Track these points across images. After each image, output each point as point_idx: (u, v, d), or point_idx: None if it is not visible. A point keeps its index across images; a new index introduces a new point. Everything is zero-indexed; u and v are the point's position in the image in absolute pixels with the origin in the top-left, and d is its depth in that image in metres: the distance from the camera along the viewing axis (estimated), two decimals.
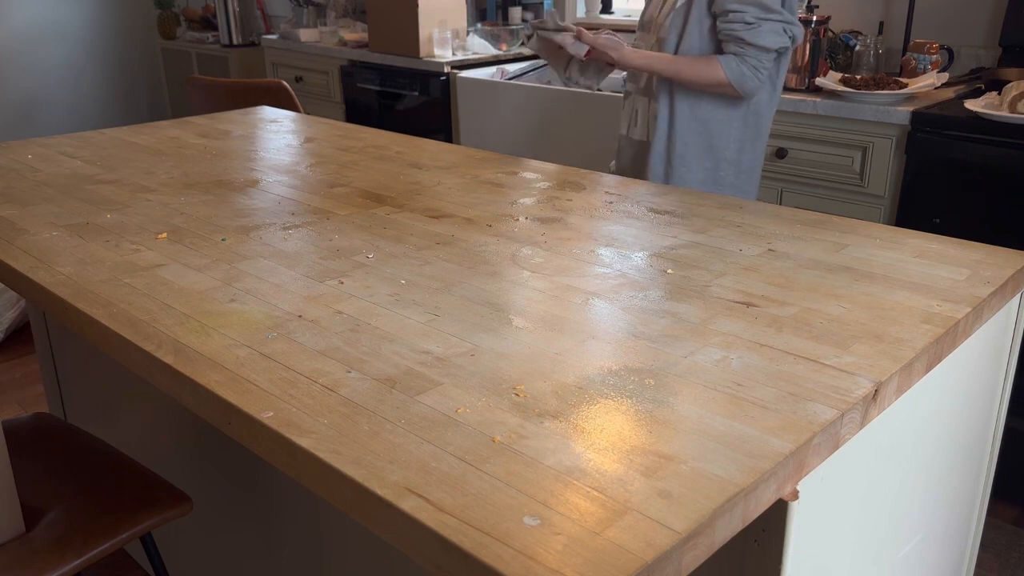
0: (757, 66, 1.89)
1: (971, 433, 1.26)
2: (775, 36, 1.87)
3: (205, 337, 0.99)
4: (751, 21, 1.86)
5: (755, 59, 1.89)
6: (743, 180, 2.03)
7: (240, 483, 1.54)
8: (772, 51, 1.89)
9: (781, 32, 1.88)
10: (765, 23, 1.86)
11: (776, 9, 1.86)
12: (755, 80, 1.90)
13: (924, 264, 1.20)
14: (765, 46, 1.87)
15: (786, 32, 1.88)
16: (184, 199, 1.55)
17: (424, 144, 2.00)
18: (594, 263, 1.21)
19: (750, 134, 2.00)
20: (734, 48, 1.89)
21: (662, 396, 0.85)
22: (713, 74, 1.90)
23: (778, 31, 1.87)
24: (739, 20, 1.86)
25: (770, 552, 0.82)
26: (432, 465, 0.74)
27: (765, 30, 1.86)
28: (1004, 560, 2.09)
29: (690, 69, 1.93)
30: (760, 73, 1.90)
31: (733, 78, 1.89)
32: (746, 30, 1.86)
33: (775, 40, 1.87)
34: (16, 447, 1.38)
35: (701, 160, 2.01)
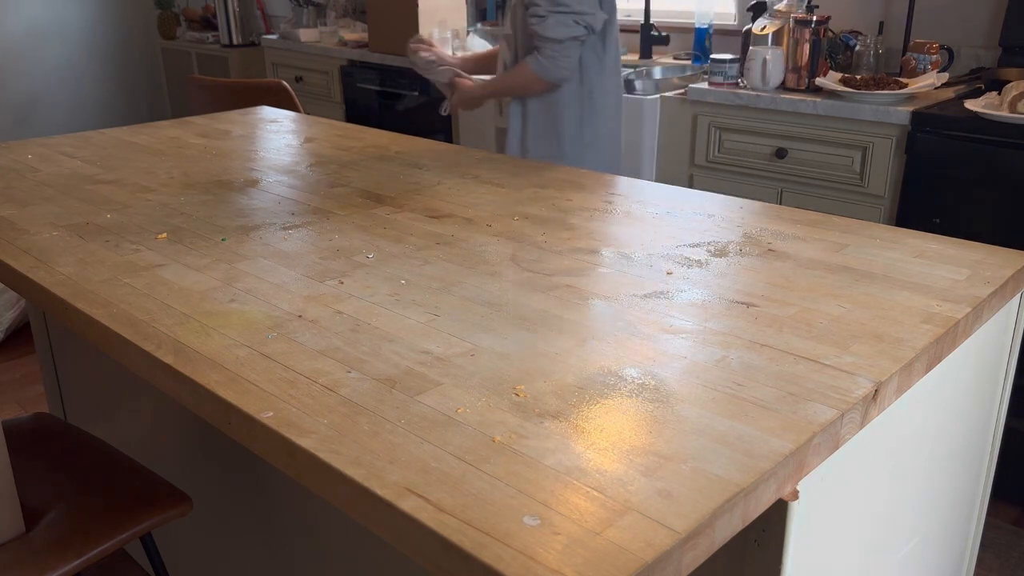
0: (554, 56, 2.00)
1: (971, 433, 1.26)
2: (563, 27, 1.97)
3: (205, 337, 0.99)
4: (542, 15, 1.97)
5: (550, 50, 2.00)
6: (588, 153, 2.17)
7: (240, 483, 1.54)
8: (564, 41, 1.99)
9: (571, 23, 1.98)
10: (552, 16, 1.96)
11: (563, 2, 1.95)
12: (558, 70, 2.03)
13: (924, 264, 1.20)
14: (554, 37, 1.98)
15: (578, 23, 1.98)
16: (184, 199, 1.55)
17: (424, 144, 2.00)
18: (594, 263, 1.21)
19: (588, 111, 2.14)
20: (535, 43, 2.02)
21: (662, 396, 0.85)
22: (525, 76, 2.06)
23: (567, 23, 1.97)
24: (533, 15, 1.98)
25: (770, 552, 0.82)
26: (432, 465, 0.74)
27: (552, 22, 1.97)
28: (1004, 560, 2.09)
29: (514, 79, 2.12)
30: (560, 62, 2.02)
31: (538, 72, 2.03)
32: (538, 23, 1.98)
33: (564, 31, 1.98)
34: (16, 447, 1.38)
35: (548, 139, 2.16)
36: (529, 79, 2.07)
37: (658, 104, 2.76)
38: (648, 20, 3.28)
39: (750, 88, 2.59)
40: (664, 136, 2.78)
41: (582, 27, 2.00)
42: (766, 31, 2.62)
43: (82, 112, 5.34)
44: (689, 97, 2.68)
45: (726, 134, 2.64)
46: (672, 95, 2.75)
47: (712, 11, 3.17)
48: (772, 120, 2.53)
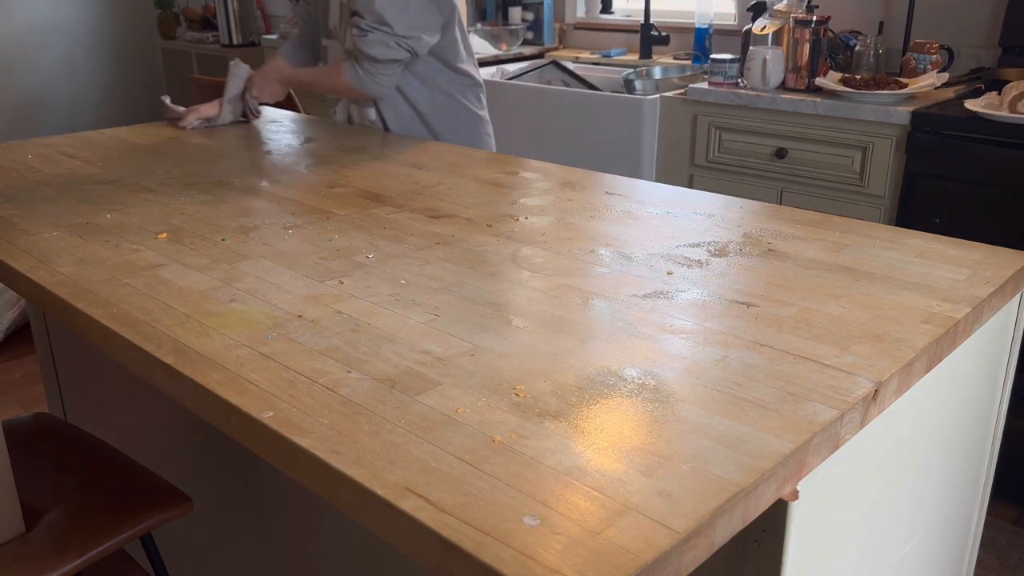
0: (371, 72, 1.96)
1: (971, 433, 1.26)
2: (383, 47, 1.92)
3: (205, 337, 0.99)
4: (364, 28, 1.91)
5: (370, 65, 1.95)
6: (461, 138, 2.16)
7: (240, 483, 1.54)
8: (382, 61, 1.94)
9: (392, 45, 1.92)
10: (373, 33, 1.91)
11: (388, 22, 1.89)
12: (374, 86, 1.98)
13: (924, 264, 1.20)
14: (372, 56, 1.93)
15: (400, 45, 1.93)
16: (184, 199, 1.55)
17: (424, 144, 2.00)
18: (594, 263, 1.21)
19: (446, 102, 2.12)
20: (356, 53, 1.96)
21: (662, 396, 0.85)
22: (339, 81, 2.00)
23: (388, 43, 1.91)
24: (356, 25, 1.92)
25: (770, 552, 0.82)
26: (432, 465, 0.74)
27: (372, 40, 1.91)
28: (1004, 560, 2.09)
29: (325, 80, 2.08)
30: (377, 79, 1.97)
31: (353, 81, 1.98)
32: (359, 37, 1.92)
33: (383, 51, 1.92)
34: (16, 447, 1.38)
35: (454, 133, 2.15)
36: (343, 85, 2.02)
37: (658, 104, 2.76)
38: (648, 20, 3.28)
39: (750, 88, 2.59)
40: (664, 136, 2.78)
41: (404, 50, 1.94)
42: (766, 31, 2.62)
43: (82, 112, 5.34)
44: (689, 97, 2.68)
45: (726, 134, 2.64)
46: (672, 95, 2.75)
47: (712, 11, 3.17)
48: (772, 120, 2.53)
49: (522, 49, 3.63)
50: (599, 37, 3.67)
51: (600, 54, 3.45)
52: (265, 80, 2.14)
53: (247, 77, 2.17)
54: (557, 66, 3.34)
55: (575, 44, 3.76)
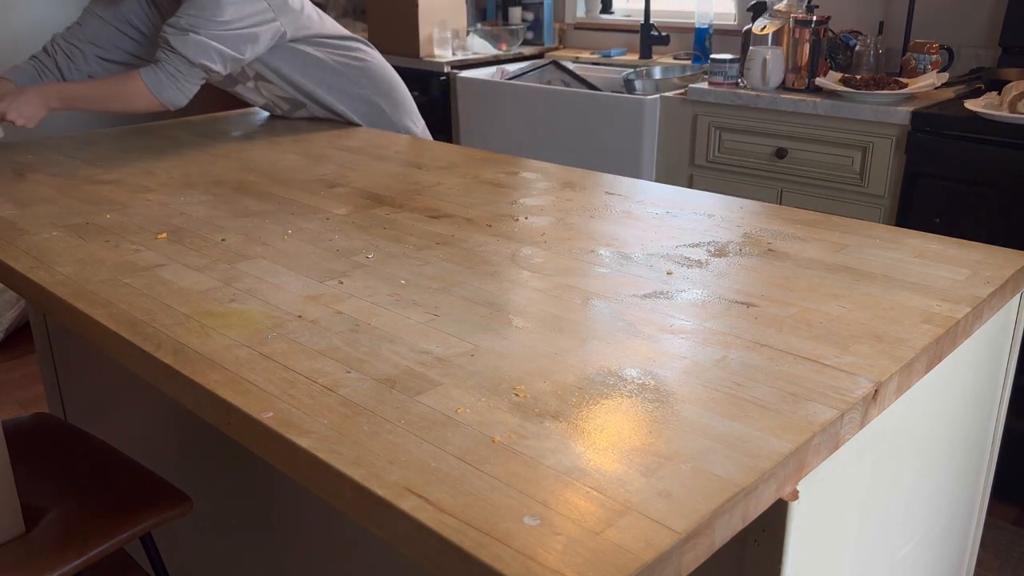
0: (176, 76, 1.79)
1: (971, 433, 1.26)
2: (199, 50, 1.78)
3: (205, 337, 0.99)
4: (184, 27, 1.77)
5: (174, 67, 1.78)
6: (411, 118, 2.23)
7: (240, 483, 1.54)
8: (194, 65, 1.79)
9: (210, 51, 1.79)
10: (192, 35, 1.77)
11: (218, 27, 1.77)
12: (175, 91, 1.81)
13: (924, 264, 1.20)
14: (187, 56, 1.78)
15: (219, 56, 1.80)
16: (184, 199, 1.55)
17: (424, 144, 2.00)
18: (594, 263, 1.21)
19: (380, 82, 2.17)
20: (159, 53, 1.80)
21: (662, 396, 0.85)
22: (133, 88, 1.78)
23: (206, 48, 1.78)
24: (172, 24, 1.78)
25: (770, 552, 0.82)
26: (432, 465, 0.74)
27: (191, 41, 1.77)
28: (1004, 560, 2.09)
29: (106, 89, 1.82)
30: (181, 84, 1.80)
31: (152, 86, 1.78)
32: (174, 35, 1.78)
33: (198, 53, 1.78)
34: (16, 447, 1.38)
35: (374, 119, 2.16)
36: (135, 92, 1.79)
37: (658, 104, 2.76)
38: (648, 20, 3.28)
39: (750, 88, 2.59)
40: (664, 136, 2.78)
41: (220, 61, 1.82)
42: (766, 31, 2.62)
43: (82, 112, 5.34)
44: (689, 97, 2.68)
45: (726, 134, 2.64)
46: (672, 95, 2.75)
47: (712, 11, 3.17)
48: (772, 120, 2.53)
49: (522, 49, 3.63)
50: (599, 37, 3.67)
51: (600, 54, 3.45)
52: (23, 101, 1.79)
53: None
54: (557, 66, 3.34)
55: (575, 44, 3.76)
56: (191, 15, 1.79)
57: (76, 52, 2.02)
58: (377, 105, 2.20)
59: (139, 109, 1.83)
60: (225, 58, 1.84)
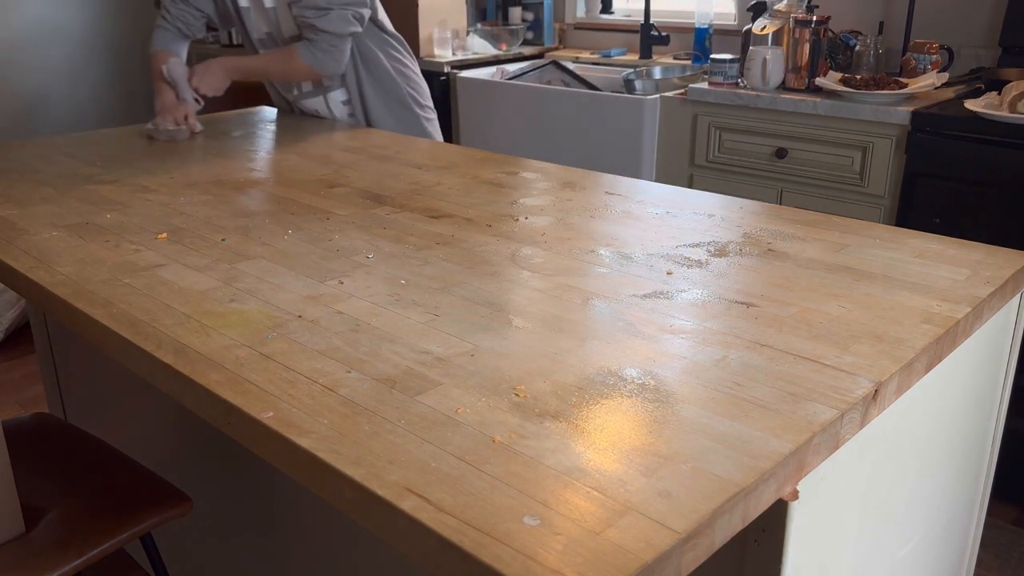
0: (330, 50, 2.01)
1: (971, 433, 1.26)
2: (344, 22, 1.99)
3: (205, 337, 0.99)
4: (323, 7, 1.97)
5: (327, 43, 2.01)
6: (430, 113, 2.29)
7: (240, 483, 1.54)
8: (343, 36, 2.02)
9: (350, 18, 2.00)
10: (334, 10, 1.98)
11: None
12: (333, 64, 2.04)
13: (924, 264, 1.20)
14: (335, 31, 1.99)
15: (355, 17, 2.01)
16: (184, 199, 1.55)
17: (424, 144, 2.00)
18: (594, 263, 1.21)
19: (413, 75, 2.25)
20: (309, 34, 2.01)
21: (662, 396, 0.85)
22: (295, 64, 2.04)
23: (345, 17, 1.99)
24: (311, 6, 1.97)
25: (770, 552, 0.82)
26: (432, 465, 0.74)
27: (334, 16, 1.98)
28: (1004, 560, 2.09)
29: (275, 65, 2.09)
30: (335, 56, 2.03)
31: (312, 63, 2.02)
32: (317, 17, 1.98)
33: (344, 26, 2.00)
34: (16, 447, 1.38)
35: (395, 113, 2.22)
36: (299, 68, 2.04)
37: (658, 104, 2.76)
38: (648, 20, 3.28)
39: (750, 88, 2.59)
40: (664, 136, 2.78)
41: (357, 22, 2.03)
42: (766, 31, 2.62)
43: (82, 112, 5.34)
44: (689, 97, 2.68)
45: (726, 134, 2.64)
46: (672, 95, 2.75)
47: (712, 11, 3.17)
48: (772, 120, 2.53)
49: (522, 49, 3.63)
50: (599, 37, 3.67)
51: (600, 54, 3.45)
52: (208, 73, 2.09)
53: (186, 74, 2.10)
54: (557, 66, 3.34)
55: (575, 44, 3.76)
56: None
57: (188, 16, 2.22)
58: (414, 112, 2.25)
59: (305, 79, 2.13)
60: (361, 17, 2.05)
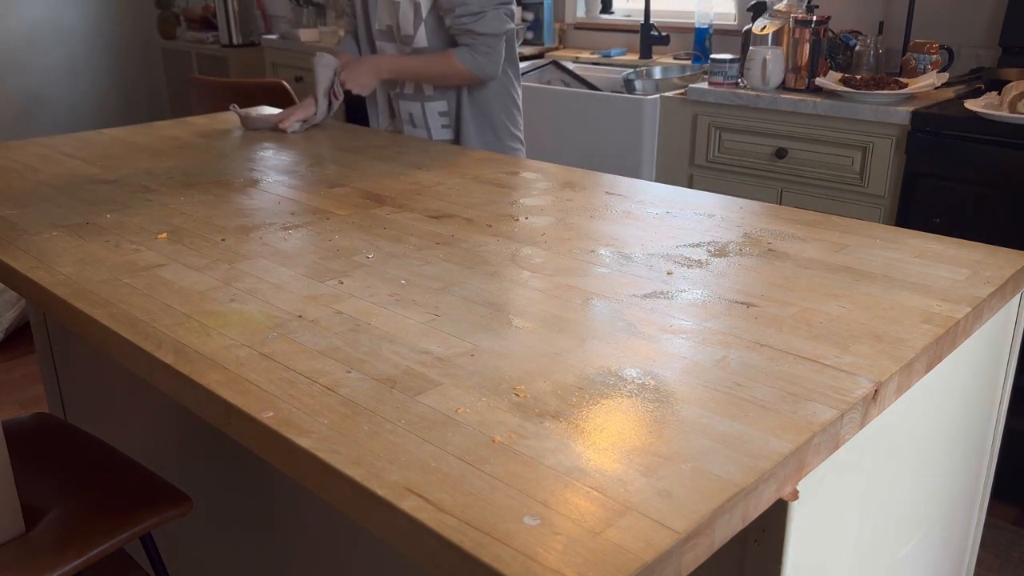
0: (489, 52, 2.04)
1: (971, 433, 1.26)
2: (499, 22, 2.02)
3: (205, 337, 0.99)
4: (477, 11, 1.99)
5: (485, 46, 2.03)
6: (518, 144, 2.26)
7: (240, 483, 1.54)
8: (500, 35, 2.03)
9: (502, 16, 2.02)
10: (491, 11, 2.00)
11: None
12: (492, 66, 2.06)
13: (924, 264, 1.20)
14: (493, 32, 2.02)
15: (508, 16, 2.04)
16: (184, 199, 1.55)
17: (424, 144, 2.00)
18: (594, 263, 1.21)
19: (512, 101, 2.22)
20: (466, 39, 2.03)
21: (662, 396, 0.85)
22: (453, 68, 2.05)
23: (499, 16, 2.02)
24: (466, 12, 1.99)
25: (770, 552, 0.82)
26: (432, 465, 0.74)
27: (490, 17, 2.00)
28: (1004, 560, 2.09)
29: (431, 68, 2.09)
30: (493, 57, 2.05)
31: (472, 67, 2.04)
32: (473, 21, 2.00)
33: (500, 25, 2.02)
34: (16, 447, 1.38)
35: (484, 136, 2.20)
36: (458, 71, 2.04)
37: (658, 104, 2.76)
38: (648, 20, 3.28)
39: (750, 88, 2.59)
40: (664, 136, 2.78)
41: (510, 19, 2.04)
42: (766, 31, 2.62)
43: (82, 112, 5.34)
44: (689, 97, 2.68)
45: (726, 134, 2.64)
46: (672, 95, 2.75)
47: (712, 11, 3.17)
48: (772, 120, 2.53)
49: (522, 49, 3.62)
50: (599, 37, 3.67)
51: (600, 54, 3.45)
52: (360, 70, 2.09)
53: (335, 68, 2.10)
54: (557, 66, 3.34)
55: (575, 44, 3.76)
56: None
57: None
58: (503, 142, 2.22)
59: (462, 83, 2.11)
60: (512, 13, 2.07)
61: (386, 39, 2.14)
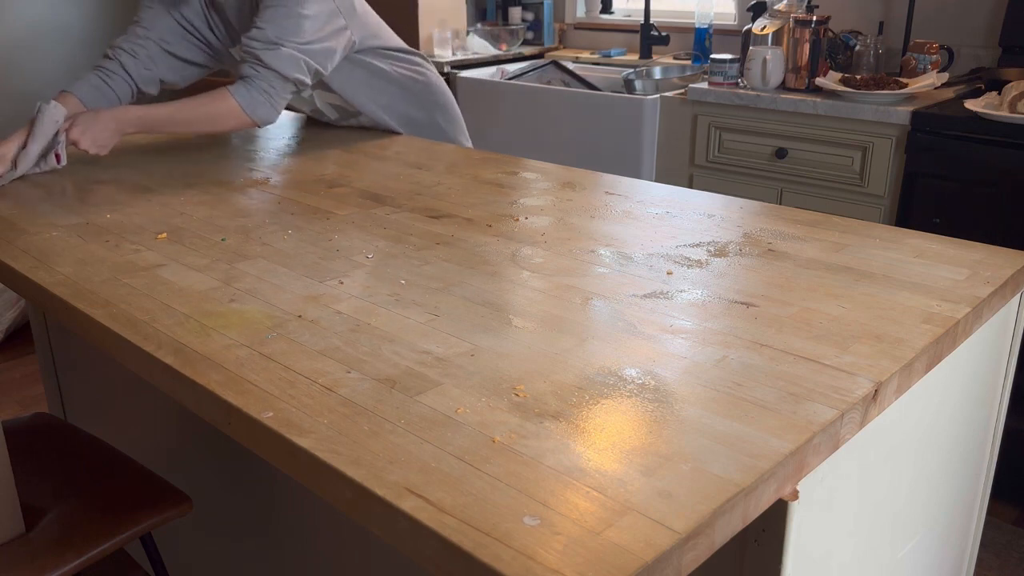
0: (270, 92, 1.73)
1: (971, 433, 1.26)
2: (292, 64, 1.71)
3: (205, 337, 0.99)
4: (272, 40, 1.69)
5: (267, 83, 1.72)
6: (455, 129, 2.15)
7: (240, 483, 1.54)
8: (288, 80, 1.73)
9: (300, 65, 1.72)
10: (284, 48, 1.70)
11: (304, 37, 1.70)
12: (269, 108, 1.74)
13: (924, 264, 1.20)
14: (280, 71, 1.71)
15: (307, 68, 1.74)
16: (184, 199, 1.55)
17: (424, 144, 2.00)
18: (594, 263, 1.21)
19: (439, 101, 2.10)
20: (248, 69, 1.72)
21: (662, 396, 0.85)
22: (223, 106, 1.71)
23: (297, 61, 1.72)
24: (260, 38, 1.70)
25: (770, 552, 0.82)
26: (432, 465, 0.74)
27: (284, 55, 1.70)
28: (1004, 560, 2.09)
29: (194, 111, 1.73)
30: (275, 100, 1.74)
31: (245, 105, 1.71)
32: (263, 50, 1.70)
33: (291, 67, 1.71)
34: (16, 447, 1.38)
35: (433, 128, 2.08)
36: (227, 110, 1.71)
37: (658, 104, 2.76)
38: (648, 20, 3.28)
39: (750, 88, 2.59)
40: (664, 136, 2.79)
41: (307, 74, 1.75)
42: (766, 31, 2.62)
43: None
44: (689, 97, 2.68)
45: (726, 134, 2.64)
46: (672, 95, 2.75)
47: (712, 11, 3.17)
48: (772, 120, 2.53)
49: (522, 49, 3.63)
50: (599, 37, 3.67)
51: (600, 54, 3.45)
52: (97, 127, 1.68)
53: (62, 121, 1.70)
54: (557, 66, 3.34)
55: (575, 44, 3.76)
56: (275, 26, 1.70)
57: (139, 49, 1.95)
58: (436, 122, 2.14)
59: (228, 129, 1.77)
60: (311, 71, 1.76)
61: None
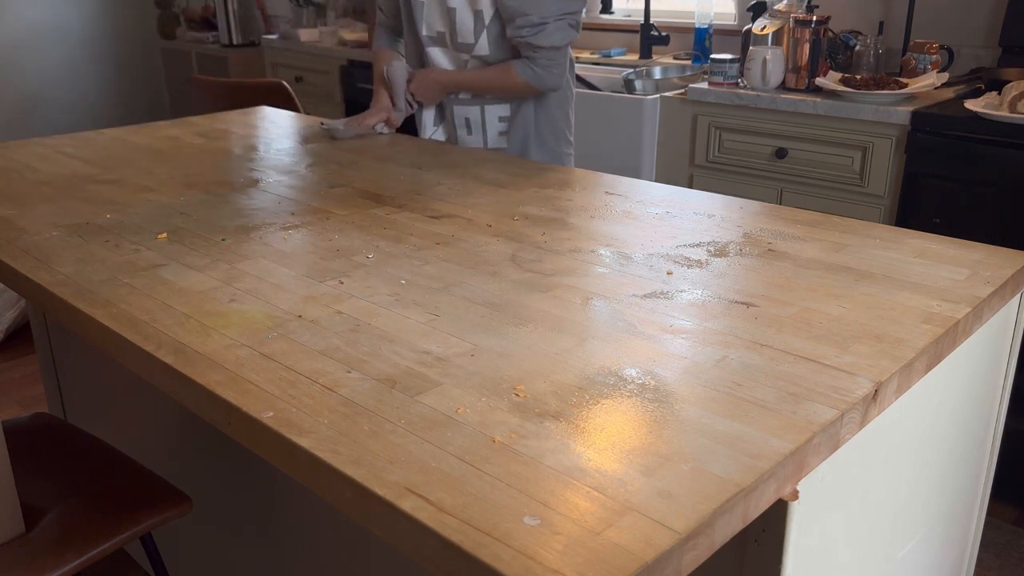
0: (550, 64, 1.95)
1: (971, 433, 1.26)
2: (561, 34, 1.93)
3: (205, 337, 0.99)
4: (537, 23, 1.89)
5: (546, 58, 1.94)
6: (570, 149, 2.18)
7: (240, 483, 1.54)
8: (561, 48, 1.95)
9: (566, 28, 1.93)
10: (551, 23, 1.90)
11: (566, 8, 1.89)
12: (553, 78, 1.98)
13: (924, 264, 1.20)
14: (554, 45, 1.93)
15: (571, 25, 1.94)
16: (184, 199, 1.55)
17: (424, 144, 2.01)
18: (594, 263, 1.21)
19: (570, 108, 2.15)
20: (527, 52, 1.94)
21: (662, 396, 0.85)
22: (512, 81, 1.98)
23: (562, 28, 1.92)
24: (526, 24, 1.90)
25: (770, 552, 0.82)
26: (432, 465, 0.74)
27: (551, 30, 1.91)
28: (1004, 560, 2.09)
29: (492, 82, 2.02)
30: (555, 69, 1.97)
31: (532, 81, 1.96)
32: (533, 34, 1.90)
33: (561, 37, 1.93)
34: (16, 447, 1.38)
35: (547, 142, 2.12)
36: (517, 85, 1.98)
37: (658, 104, 2.76)
38: (648, 20, 3.28)
39: (750, 88, 2.59)
40: (664, 136, 2.79)
41: (574, 29, 1.97)
42: (766, 31, 2.62)
43: (82, 112, 5.34)
44: (689, 97, 2.68)
45: (726, 134, 2.64)
46: (672, 95, 2.75)
47: (712, 11, 3.17)
48: (772, 120, 2.53)
49: None
50: (599, 37, 3.67)
51: (600, 54, 3.45)
52: (427, 84, 2.07)
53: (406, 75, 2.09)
54: None
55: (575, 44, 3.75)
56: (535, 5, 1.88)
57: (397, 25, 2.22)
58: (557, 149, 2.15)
59: (525, 96, 2.04)
60: (578, 23, 1.96)
61: (437, 44, 2.06)
